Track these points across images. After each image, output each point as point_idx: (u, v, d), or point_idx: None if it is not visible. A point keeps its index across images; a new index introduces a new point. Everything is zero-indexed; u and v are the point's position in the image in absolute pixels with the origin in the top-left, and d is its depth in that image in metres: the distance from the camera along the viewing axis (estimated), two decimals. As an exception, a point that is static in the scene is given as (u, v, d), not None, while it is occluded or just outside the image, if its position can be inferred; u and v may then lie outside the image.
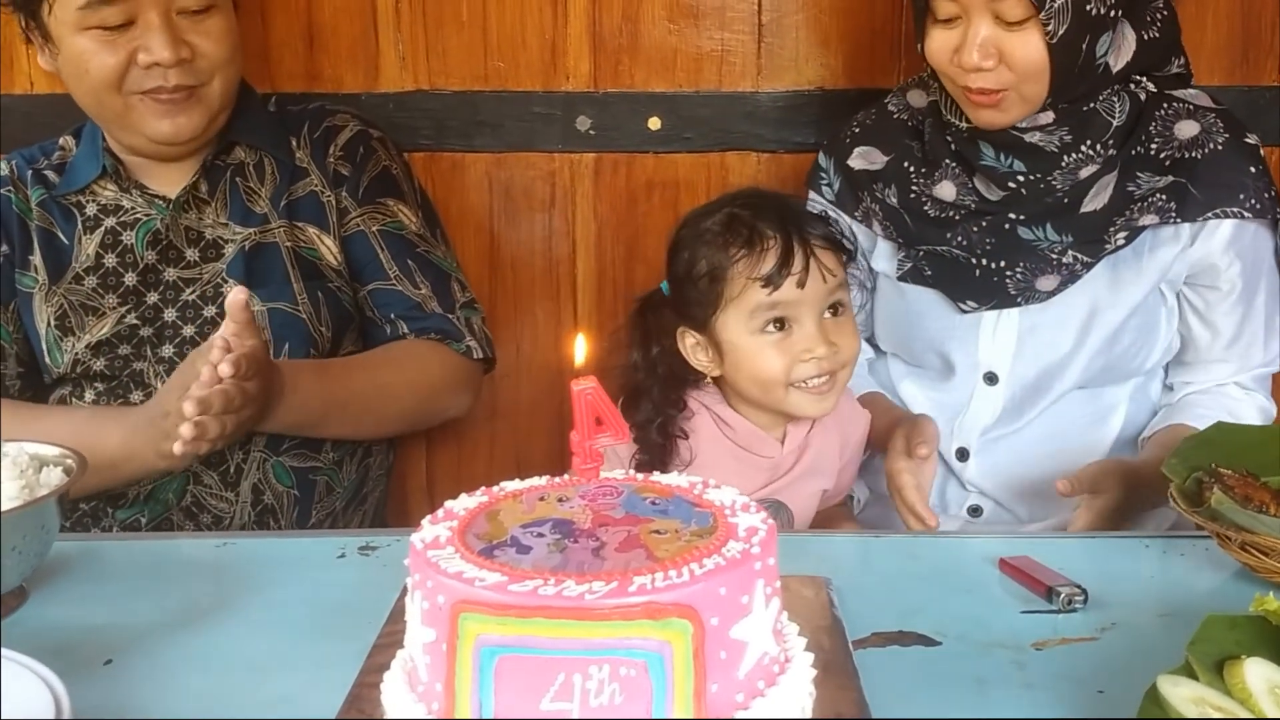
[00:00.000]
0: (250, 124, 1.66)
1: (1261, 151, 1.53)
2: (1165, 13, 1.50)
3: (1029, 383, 1.56)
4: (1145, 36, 1.47)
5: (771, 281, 1.29)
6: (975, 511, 1.61)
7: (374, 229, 1.66)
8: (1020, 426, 1.58)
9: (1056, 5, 1.38)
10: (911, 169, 1.59)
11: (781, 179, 1.90)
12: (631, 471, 0.89)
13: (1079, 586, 1.05)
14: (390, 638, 0.92)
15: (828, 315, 1.34)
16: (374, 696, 0.82)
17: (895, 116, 1.64)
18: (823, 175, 1.67)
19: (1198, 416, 1.52)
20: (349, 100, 1.82)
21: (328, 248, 1.65)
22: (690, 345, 1.36)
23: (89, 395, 1.61)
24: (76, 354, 1.60)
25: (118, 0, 1.49)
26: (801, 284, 1.30)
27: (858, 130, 1.66)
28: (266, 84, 1.86)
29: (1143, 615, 1.04)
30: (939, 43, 1.46)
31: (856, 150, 1.64)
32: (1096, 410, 1.58)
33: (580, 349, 0.89)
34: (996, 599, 1.08)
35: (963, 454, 1.59)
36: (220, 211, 1.63)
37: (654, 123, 1.89)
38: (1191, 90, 1.54)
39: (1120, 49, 1.46)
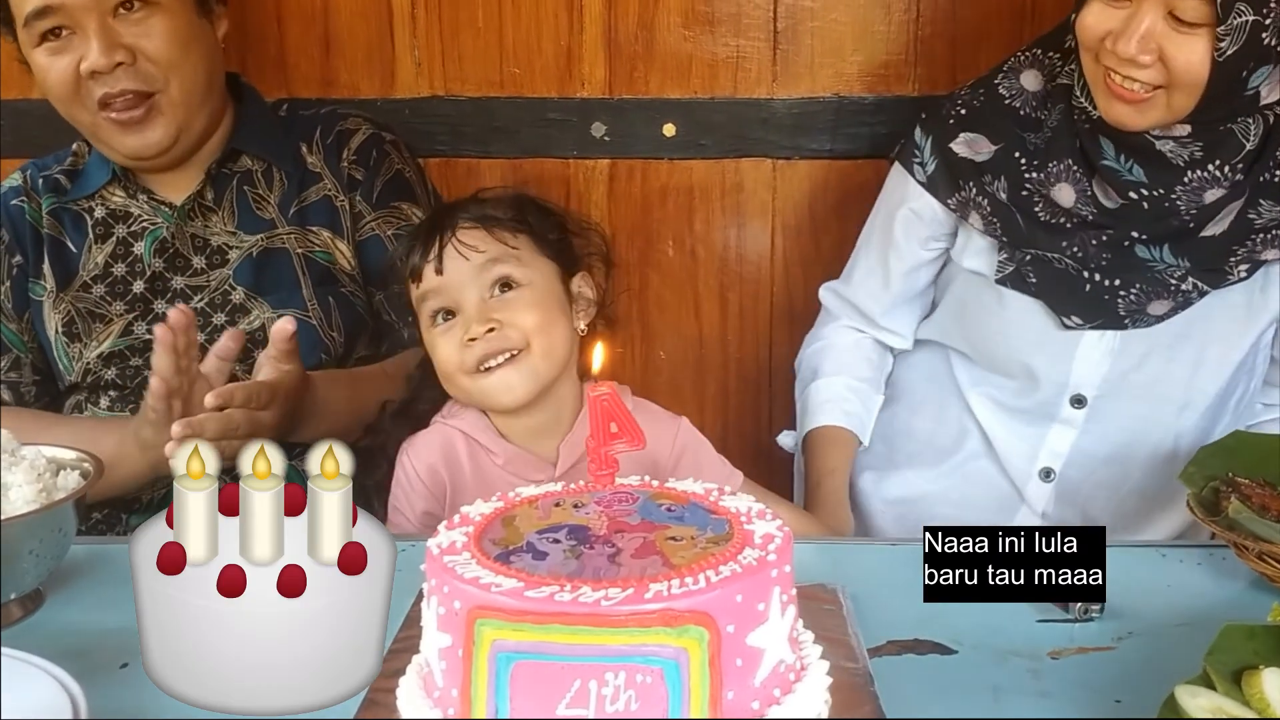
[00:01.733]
0: (254, 133, 1.66)
1: None
2: None
3: (1120, 410, 1.49)
4: None
5: (414, 274, 1.28)
6: None
7: (389, 233, 1.66)
8: (1107, 455, 1.51)
9: (1237, 22, 1.29)
10: (1024, 161, 1.48)
11: (796, 185, 1.90)
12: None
13: (1095, 595, 1.05)
14: (405, 643, 0.92)
15: (496, 293, 1.27)
16: (389, 701, 0.82)
17: (1007, 102, 1.52)
18: (916, 153, 1.56)
19: None
20: (365, 106, 1.82)
21: (341, 252, 1.65)
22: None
23: (104, 403, 1.61)
24: (88, 364, 1.60)
25: (51, 12, 1.49)
26: (439, 270, 1.27)
27: (964, 112, 1.54)
28: (282, 89, 1.87)
29: (1159, 624, 1.04)
30: (1097, 18, 1.35)
31: (962, 136, 1.52)
32: (1192, 446, 1.48)
33: (598, 356, 0.89)
34: (1012, 607, 1.06)
35: (1046, 474, 1.54)
36: (228, 219, 1.63)
37: (669, 129, 1.89)
38: None
39: (1277, 83, 1.37)
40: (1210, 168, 1.40)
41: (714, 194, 1.92)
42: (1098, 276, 1.45)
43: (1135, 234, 1.43)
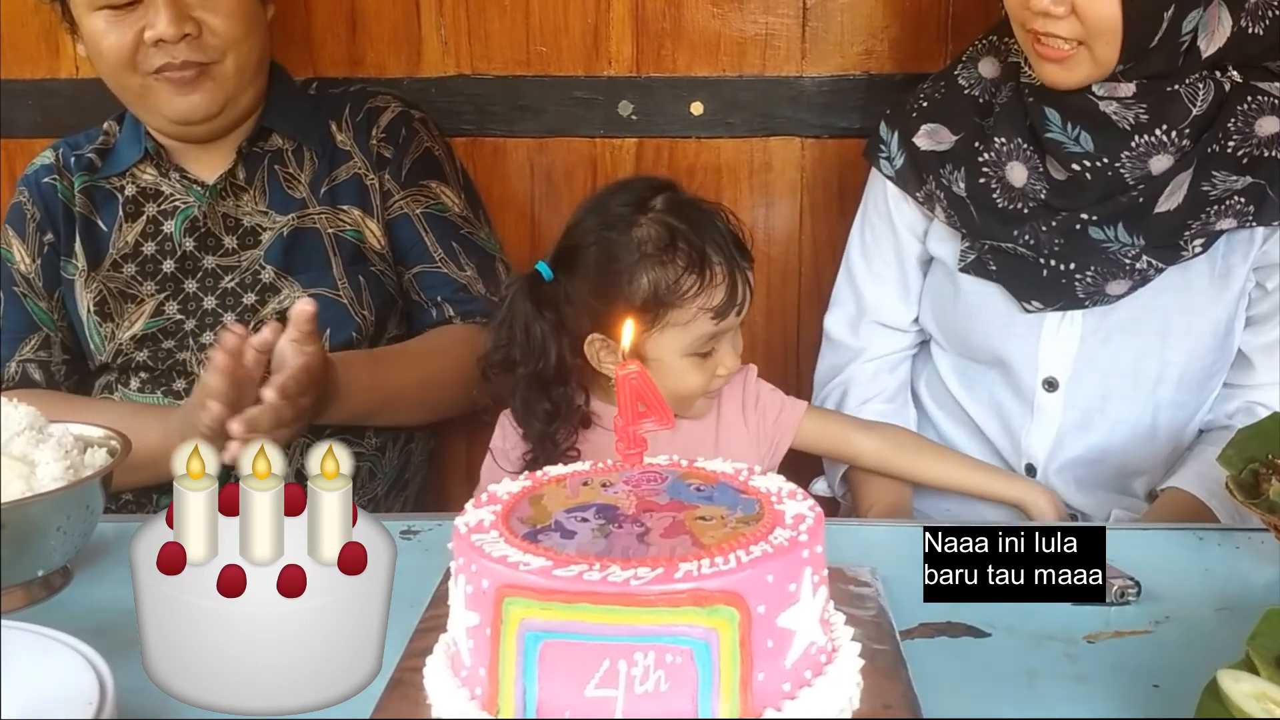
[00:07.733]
0: (284, 111, 1.66)
1: None
2: (1278, 11, 1.39)
3: (1092, 391, 1.48)
4: (1248, 29, 1.38)
5: (721, 314, 1.30)
6: None
7: (418, 212, 1.66)
8: (1089, 439, 1.49)
9: None
10: (981, 148, 1.50)
11: (825, 164, 1.88)
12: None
13: (1132, 579, 1.03)
14: (433, 622, 0.92)
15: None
16: (416, 681, 0.81)
17: (966, 92, 1.54)
18: (883, 148, 1.58)
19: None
20: (391, 85, 1.81)
21: (371, 231, 1.64)
22: (598, 349, 1.32)
23: (134, 383, 1.62)
24: (120, 345, 1.61)
25: None
26: (739, 314, 1.33)
27: (925, 105, 1.56)
28: (309, 69, 1.87)
29: (1198, 608, 1.02)
30: None
31: (923, 128, 1.55)
32: (1171, 421, 1.49)
33: (627, 334, 0.88)
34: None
35: (1030, 470, 1.52)
36: (259, 199, 1.63)
37: (696, 107, 1.87)
38: (1279, 84, 1.44)
39: (1214, 33, 1.37)
40: (1158, 132, 1.40)
41: (742, 173, 1.90)
42: (1053, 262, 1.45)
43: (1087, 215, 1.44)
